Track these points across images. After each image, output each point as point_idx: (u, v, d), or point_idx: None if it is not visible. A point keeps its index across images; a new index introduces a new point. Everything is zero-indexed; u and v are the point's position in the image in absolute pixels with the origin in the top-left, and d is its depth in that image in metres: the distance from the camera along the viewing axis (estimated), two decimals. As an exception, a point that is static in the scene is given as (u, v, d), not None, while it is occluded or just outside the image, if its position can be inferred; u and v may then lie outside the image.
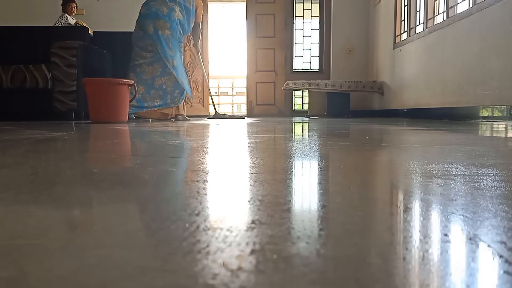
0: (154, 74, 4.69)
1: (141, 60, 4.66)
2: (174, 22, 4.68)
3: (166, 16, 4.63)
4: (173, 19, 4.67)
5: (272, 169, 0.86)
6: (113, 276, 0.30)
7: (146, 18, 4.65)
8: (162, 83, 4.74)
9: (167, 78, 4.72)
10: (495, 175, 0.74)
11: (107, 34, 5.24)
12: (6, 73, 4.37)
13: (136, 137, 2.00)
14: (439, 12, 4.85)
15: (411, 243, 0.38)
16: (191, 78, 7.30)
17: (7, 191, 0.63)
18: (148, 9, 4.66)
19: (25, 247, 0.37)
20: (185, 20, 4.84)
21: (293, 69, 7.51)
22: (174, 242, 0.38)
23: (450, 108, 4.43)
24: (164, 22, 4.62)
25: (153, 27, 4.61)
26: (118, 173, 0.84)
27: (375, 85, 6.55)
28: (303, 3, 7.44)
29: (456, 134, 2.02)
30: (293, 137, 1.94)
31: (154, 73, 4.68)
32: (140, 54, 4.67)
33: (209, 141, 1.64)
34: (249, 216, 0.47)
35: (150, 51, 4.65)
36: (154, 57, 4.66)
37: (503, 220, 0.45)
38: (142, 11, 4.73)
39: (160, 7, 4.63)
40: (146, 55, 4.67)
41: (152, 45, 4.62)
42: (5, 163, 0.98)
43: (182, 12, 4.79)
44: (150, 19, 4.63)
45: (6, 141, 1.59)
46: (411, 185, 0.67)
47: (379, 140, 1.77)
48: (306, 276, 0.30)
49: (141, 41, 4.66)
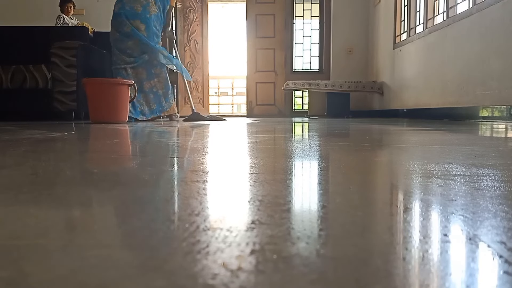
0: (141, 78, 4.51)
1: (123, 64, 4.46)
2: (150, 20, 4.44)
3: (141, 14, 4.39)
4: (149, 17, 4.43)
5: (272, 169, 0.86)
6: (113, 276, 0.30)
7: (120, 18, 4.41)
8: (152, 86, 4.57)
9: (156, 80, 4.55)
10: (495, 176, 0.74)
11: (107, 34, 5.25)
12: (6, 73, 4.37)
13: (136, 137, 2.00)
14: (439, 12, 4.85)
15: (411, 243, 0.38)
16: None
17: (7, 191, 0.63)
18: (122, 8, 4.40)
19: (25, 247, 0.37)
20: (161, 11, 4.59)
21: (293, 69, 7.52)
22: (174, 242, 0.38)
23: (450, 108, 4.43)
24: (139, 23, 4.41)
25: (130, 28, 4.39)
26: (117, 173, 0.84)
27: (375, 85, 6.55)
28: (303, 3, 7.44)
29: (456, 134, 2.02)
30: (293, 137, 1.94)
31: (140, 76, 4.51)
32: (121, 58, 4.47)
33: (209, 141, 1.64)
34: (249, 216, 0.47)
35: (131, 56, 4.46)
36: (136, 61, 4.47)
37: (503, 220, 0.45)
38: (115, 9, 4.48)
39: (134, 4, 4.37)
40: (128, 59, 4.46)
41: (132, 48, 4.43)
42: (5, 163, 0.98)
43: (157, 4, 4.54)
44: (125, 19, 4.38)
45: (6, 141, 1.59)
46: (411, 185, 0.67)
47: (379, 140, 1.77)
48: (306, 276, 0.30)
49: (121, 43, 4.46)
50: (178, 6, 7.15)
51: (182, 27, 7.21)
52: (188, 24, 7.25)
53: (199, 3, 7.27)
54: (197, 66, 7.35)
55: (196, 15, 7.28)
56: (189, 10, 7.24)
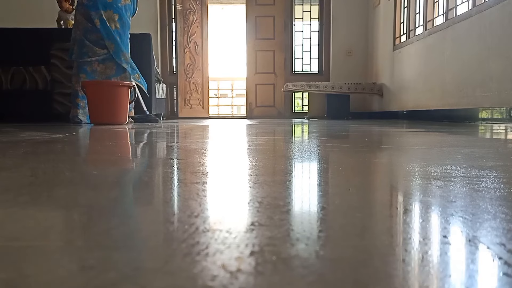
0: (109, 74, 4.05)
1: (94, 56, 4.01)
2: (122, 10, 4.04)
3: (112, 3, 3.97)
4: (120, 6, 4.04)
5: (272, 171, 0.86)
6: (112, 278, 0.30)
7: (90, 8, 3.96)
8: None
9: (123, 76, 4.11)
10: (495, 177, 0.74)
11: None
12: (6, 75, 4.38)
13: (135, 139, 1.99)
14: (439, 14, 4.86)
15: (410, 245, 0.38)
16: (190, 80, 7.33)
17: (7, 193, 0.63)
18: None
19: (24, 249, 0.37)
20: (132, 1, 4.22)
21: (293, 71, 7.52)
22: (173, 243, 0.38)
23: (450, 110, 4.44)
24: (111, 13, 3.97)
25: (99, 20, 3.95)
26: (117, 175, 0.84)
27: (375, 87, 6.55)
28: (302, 5, 7.45)
29: (455, 136, 2.02)
30: (292, 139, 1.94)
31: (108, 72, 4.04)
32: (93, 50, 3.99)
33: (209, 142, 1.63)
34: (248, 217, 0.47)
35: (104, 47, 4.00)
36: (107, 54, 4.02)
37: (502, 222, 0.45)
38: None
39: None
40: (100, 51, 4.00)
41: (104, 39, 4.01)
42: (5, 165, 0.98)
43: None
44: (94, 10, 3.95)
45: (5, 143, 1.59)
46: (410, 187, 0.67)
47: (378, 142, 1.77)
48: (305, 277, 0.30)
49: (92, 34, 3.99)
50: (178, 7, 7.16)
51: (182, 28, 7.21)
52: (188, 26, 7.25)
53: (199, 4, 7.27)
54: (197, 67, 7.35)
55: (196, 17, 7.29)
56: (189, 12, 7.25)
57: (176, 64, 7.26)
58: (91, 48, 3.98)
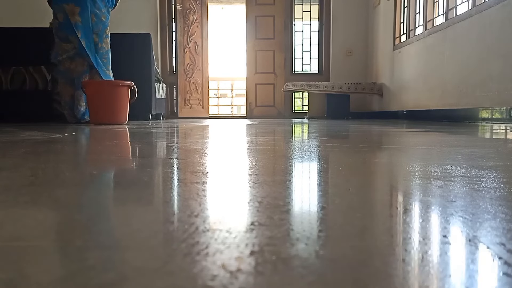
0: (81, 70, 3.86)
1: (64, 54, 3.83)
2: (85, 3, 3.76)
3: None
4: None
5: (272, 171, 0.86)
6: (113, 278, 0.30)
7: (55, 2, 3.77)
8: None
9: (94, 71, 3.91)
10: (495, 177, 0.74)
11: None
12: (5, 75, 4.38)
13: (135, 139, 1.99)
14: (439, 14, 4.86)
15: (410, 245, 0.38)
16: (190, 80, 7.32)
17: (7, 193, 0.63)
18: None
19: (24, 249, 0.37)
20: None
21: (293, 70, 7.52)
22: (173, 243, 0.38)
23: (450, 110, 4.44)
24: (73, 7, 3.72)
25: (63, 15, 3.75)
26: (117, 175, 0.84)
27: (375, 86, 6.55)
28: (302, 5, 7.45)
29: (455, 136, 2.02)
30: (292, 139, 1.94)
31: (79, 69, 3.85)
32: (62, 47, 3.83)
33: (209, 142, 1.63)
34: (248, 217, 0.47)
35: (71, 42, 3.81)
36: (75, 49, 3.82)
37: (502, 222, 0.45)
38: None
39: None
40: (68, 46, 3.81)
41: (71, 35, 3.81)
42: (5, 165, 0.98)
43: None
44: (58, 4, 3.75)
45: (5, 143, 1.59)
46: (410, 186, 0.67)
47: (378, 142, 1.77)
48: (305, 277, 0.30)
49: (59, 31, 3.82)
50: (178, 7, 7.16)
51: (182, 28, 7.21)
52: (187, 26, 7.25)
53: (199, 4, 7.27)
54: (196, 67, 7.35)
55: (195, 17, 7.28)
56: (189, 12, 7.24)
57: (176, 64, 7.26)
58: (61, 45, 3.84)
